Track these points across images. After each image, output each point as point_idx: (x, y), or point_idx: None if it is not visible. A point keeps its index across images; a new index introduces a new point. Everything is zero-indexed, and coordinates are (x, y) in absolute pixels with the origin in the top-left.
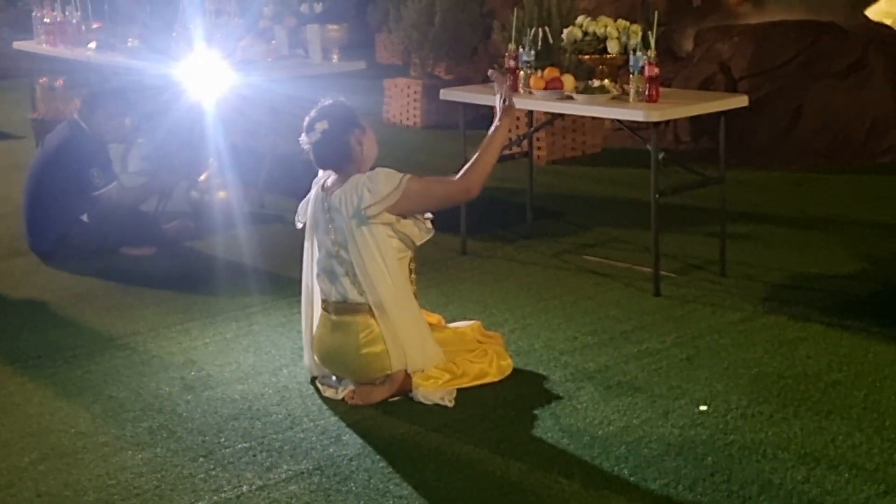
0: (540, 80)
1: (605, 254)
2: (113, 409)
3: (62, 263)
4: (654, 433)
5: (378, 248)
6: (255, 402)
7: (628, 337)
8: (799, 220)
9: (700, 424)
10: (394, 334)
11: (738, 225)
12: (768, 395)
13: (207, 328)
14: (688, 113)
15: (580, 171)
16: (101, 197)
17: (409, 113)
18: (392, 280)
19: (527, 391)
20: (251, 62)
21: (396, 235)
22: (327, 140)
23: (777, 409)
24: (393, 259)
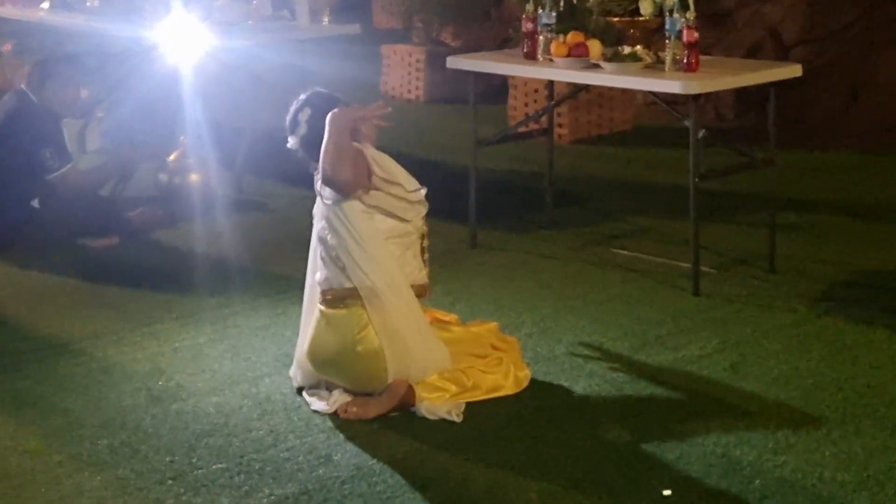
0: (562, 45)
1: (637, 247)
2: (68, 425)
3: (10, 256)
4: (694, 452)
5: (356, 229)
6: (232, 416)
7: (664, 342)
8: (859, 207)
9: (746, 443)
10: (389, 328)
11: (789, 214)
12: (825, 409)
13: (178, 331)
14: (732, 84)
15: (608, 152)
16: (54, 181)
17: (410, 85)
18: (380, 264)
19: (546, 404)
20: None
21: (377, 211)
22: (315, 129)
23: (835, 426)
24: (377, 241)
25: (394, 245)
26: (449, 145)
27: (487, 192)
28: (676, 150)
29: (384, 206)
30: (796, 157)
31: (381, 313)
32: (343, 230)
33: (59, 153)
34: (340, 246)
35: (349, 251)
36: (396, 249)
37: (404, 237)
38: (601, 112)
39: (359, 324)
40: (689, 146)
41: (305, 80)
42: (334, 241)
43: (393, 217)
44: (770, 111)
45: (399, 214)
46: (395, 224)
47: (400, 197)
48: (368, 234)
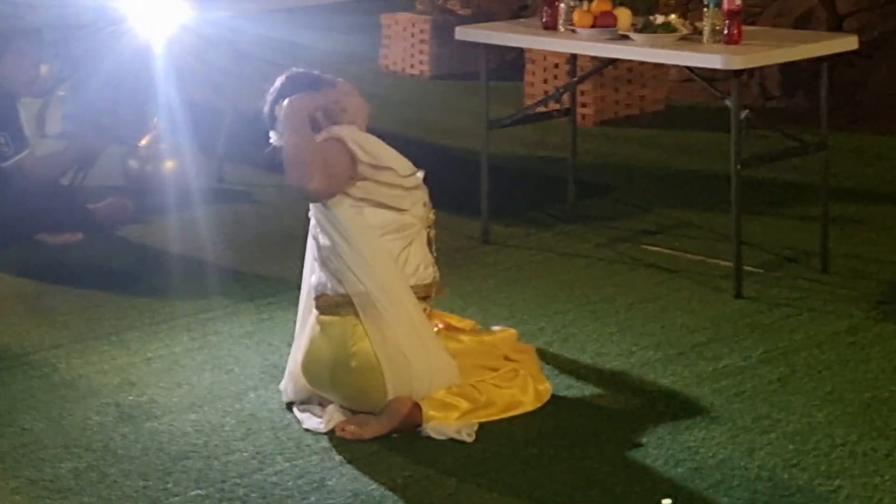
0: (586, 14)
1: (671, 243)
2: (26, 445)
3: None
4: (737, 476)
5: (344, 227)
6: (212, 435)
7: (702, 351)
8: None
9: (796, 465)
10: (386, 340)
11: (844, 205)
12: (885, 428)
13: (150, 339)
14: (779, 59)
15: (637, 135)
16: (9, 169)
17: (413, 58)
18: (374, 267)
19: (568, 422)
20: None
21: (367, 204)
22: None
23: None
24: (369, 240)
25: (392, 242)
26: (457, 127)
27: (501, 181)
28: (715, 133)
29: (375, 196)
30: (852, 141)
31: (377, 323)
32: (331, 229)
33: (13, 138)
34: (331, 246)
35: (339, 253)
36: (395, 247)
37: (404, 230)
38: (630, 90)
39: (353, 335)
40: (731, 129)
41: (295, 54)
42: (325, 240)
43: (387, 208)
44: (822, 89)
45: (393, 204)
46: (390, 217)
47: (393, 184)
48: (359, 233)
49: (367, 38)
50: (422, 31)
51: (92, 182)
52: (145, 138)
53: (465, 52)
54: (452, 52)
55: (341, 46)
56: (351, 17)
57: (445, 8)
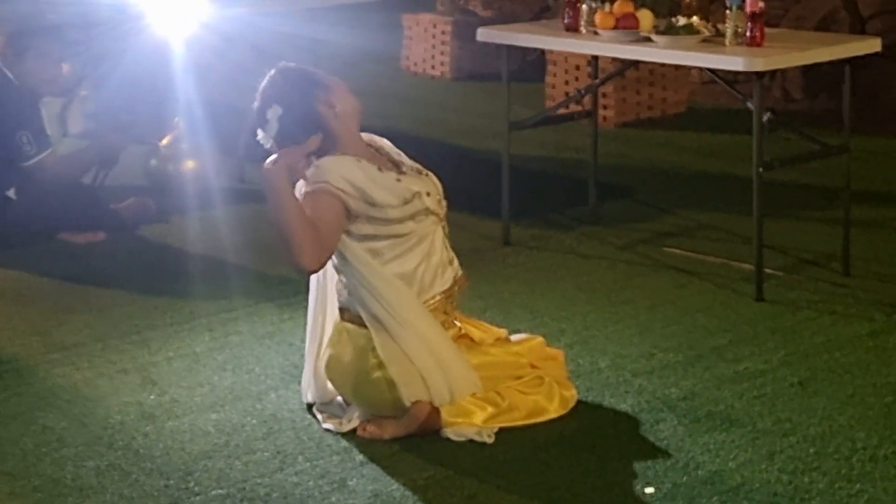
0: (608, 16)
1: (692, 245)
2: (49, 443)
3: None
4: (756, 479)
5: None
6: (234, 435)
7: (722, 354)
8: None
9: (816, 469)
10: (397, 358)
11: (866, 208)
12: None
13: (172, 339)
14: (801, 61)
15: (659, 137)
16: (32, 168)
17: (435, 59)
18: (378, 291)
19: (589, 424)
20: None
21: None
22: (289, 126)
23: None
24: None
25: (402, 264)
26: (478, 129)
27: (522, 182)
28: (737, 136)
29: (374, 231)
30: (874, 144)
31: (388, 342)
32: (338, 261)
33: (36, 137)
34: (338, 269)
35: (346, 279)
36: (408, 265)
37: (419, 244)
38: (651, 91)
39: (373, 347)
40: (752, 131)
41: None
42: (331, 263)
43: (390, 238)
44: (844, 91)
45: (394, 233)
46: (395, 241)
47: (389, 219)
48: (361, 263)
49: (388, 37)
50: (443, 32)
51: (114, 182)
52: (166, 138)
53: (486, 53)
54: (473, 53)
55: (363, 46)
56: (373, 17)
57: (466, 9)
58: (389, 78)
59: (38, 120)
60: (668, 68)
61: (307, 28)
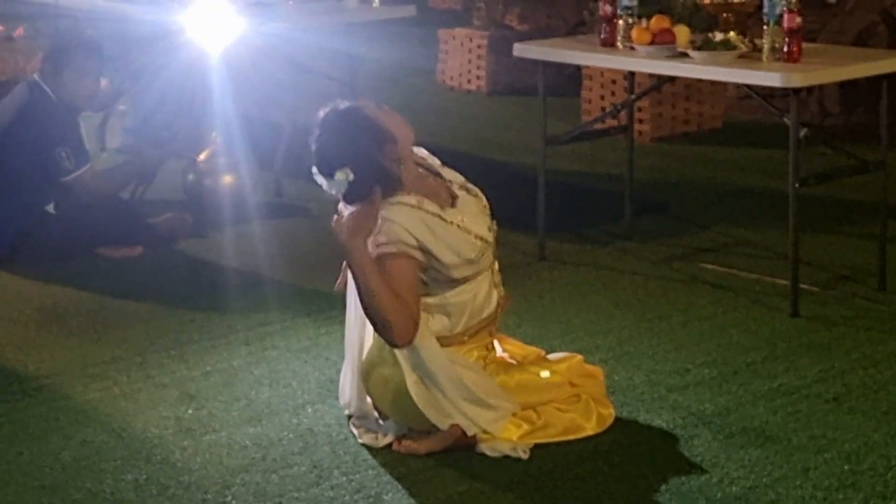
0: (644, 31)
1: (728, 261)
2: (88, 457)
3: (23, 268)
4: (791, 496)
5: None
6: (270, 449)
7: (757, 370)
8: None
9: (851, 486)
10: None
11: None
12: None
13: (209, 353)
14: (839, 76)
15: (695, 152)
16: (71, 183)
17: (470, 73)
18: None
19: (623, 439)
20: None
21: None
22: (358, 184)
23: None
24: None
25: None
26: (514, 143)
27: (558, 197)
28: (774, 151)
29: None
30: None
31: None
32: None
33: (75, 153)
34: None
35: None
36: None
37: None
38: (688, 106)
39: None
40: (790, 146)
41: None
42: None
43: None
44: (882, 107)
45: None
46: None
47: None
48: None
49: (425, 52)
50: (479, 47)
51: (152, 196)
52: (204, 153)
53: (522, 68)
54: (509, 68)
55: (400, 60)
56: (409, 31)
57: (503, 23)
58: (426, 92)
59: (76, 135)
60: (705, 83)
61: (343, 42)
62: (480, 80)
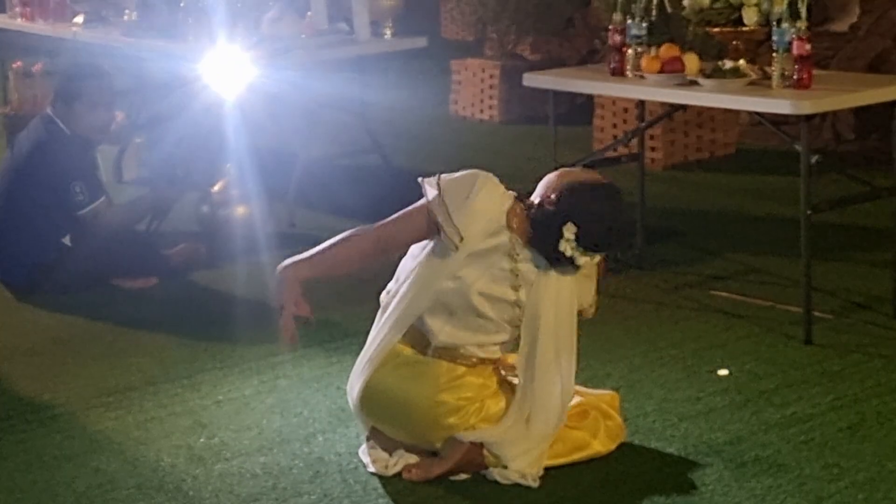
0: (654, 60)
1: (740, 288)
2: (101, 486)
3: (39, 299)
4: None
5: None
6: (281, 478)
7: (770, 398)
8: None
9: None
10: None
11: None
12: None
13: (221, 382)
14: (850, 103)
15: (707, 179)
16: (86, 216)
17: (483, 103)
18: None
19: (634, 469)
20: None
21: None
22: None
23: None
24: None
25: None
26: (527, 172)
27: None
28: (787, 177)
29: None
30: None
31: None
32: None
33: (89, 186)
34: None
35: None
36: None
37: None
38: (700, 134)
39: (451, 373)
40: (801, 173)
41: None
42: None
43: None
44: (894, 133)
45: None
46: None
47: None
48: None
49: (437, 83)
50: (491, 77)
51: (166, 227)
52: (218, 184)
53: (534, 97)
54: (522, 97)
55: (412, 90)
56: (422, 62)
57: (515, 53)
58: (438, 122)
59: (91, 169)
60: (717, 110)
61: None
62: (493, 110)
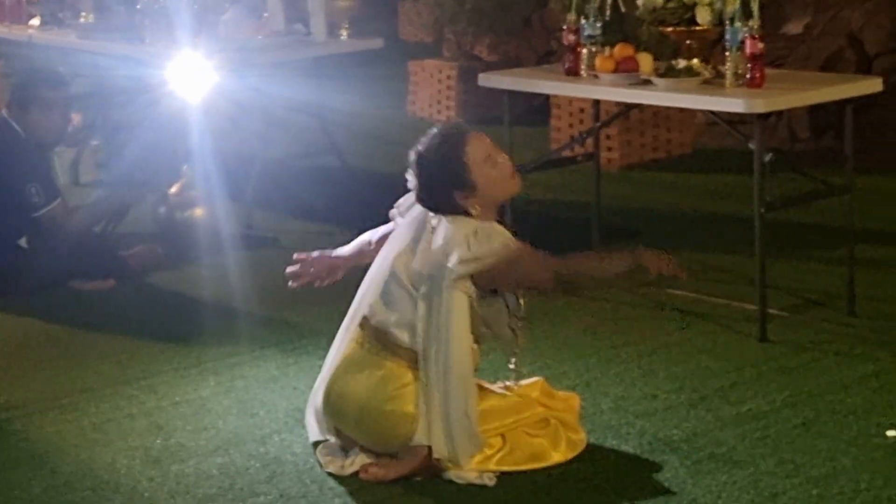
0: (608, 59)
1: (696, 286)
2: (56, 488)
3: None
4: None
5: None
6: (238, 478)
7: (725, 395)
8: None
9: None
10: (437, 406)
11: (871, 248)
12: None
13: (178, 384)
14: (803, 102)
15: (663, 179)
16: (42, 218)
17: (440, 104)
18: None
19: (591, 466)
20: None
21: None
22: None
23: None
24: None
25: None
26: None
27: (526, 225)
28: (742, 176)
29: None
30: (878, 183)
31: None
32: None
33: (45, 188)
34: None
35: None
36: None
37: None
38: (656, 133)
39: (397, 381)
40: (755, 171)
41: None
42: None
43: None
44: (847, 131)
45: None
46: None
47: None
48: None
49: (394, 84)
50: (448, 77)
51: (123, 229)
52: (175, 186)
53: (492, 98)
54: (479, 98)
55: (370, 91)
56: (379, 65)
57: (472, 54)
58: (396, 123)
59: (46, 171)
60: (673, 110)
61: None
62: (451, 111)
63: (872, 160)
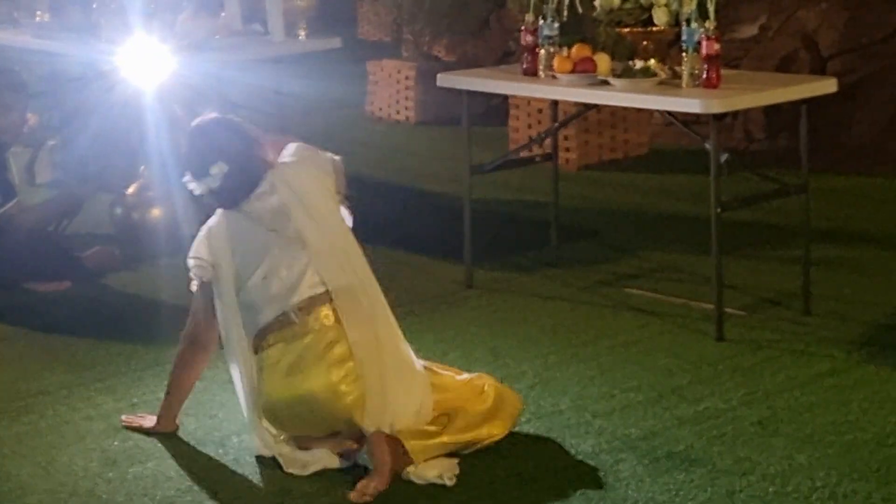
0: (566, 60)
1: (653, 286)
2: (12, 491)
3: None
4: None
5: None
6: (196, 480)
7: (682, 394)
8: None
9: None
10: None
11: (826, 247)
12: (865, 470)
13: (136, 385)
14: (759, 102)
15: (620, 179)
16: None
17: (399, 104)
18: (353, 257)
19: (549, 464)
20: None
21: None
22: (231, 186)
23: (877, 488)
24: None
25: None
26: (441, 173)
27: (485, 225)
28: (698, 176)
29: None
30: (834, 183)
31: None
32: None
33: (1, 189)
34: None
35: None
36: None
37: None
38: (613, 134)
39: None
40: (711, 172)
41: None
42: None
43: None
44: (802, 131)
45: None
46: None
47: None
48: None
49: (353, 84)
50: (407, 78)
51: (80, 230)
52: (132, 186)
53: (450, 98)
54: (438, 98)
55: (328, 91)
56: (337, 65)
57: (430, 54)
58: (354, 123)
59: (2, 172)
60: (630, 111)
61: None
62: (409, 111)
63: (827, 160)
